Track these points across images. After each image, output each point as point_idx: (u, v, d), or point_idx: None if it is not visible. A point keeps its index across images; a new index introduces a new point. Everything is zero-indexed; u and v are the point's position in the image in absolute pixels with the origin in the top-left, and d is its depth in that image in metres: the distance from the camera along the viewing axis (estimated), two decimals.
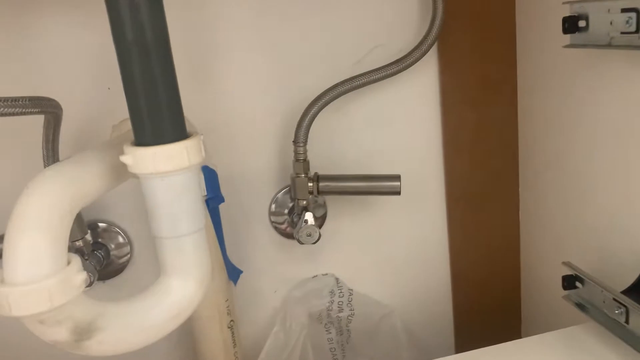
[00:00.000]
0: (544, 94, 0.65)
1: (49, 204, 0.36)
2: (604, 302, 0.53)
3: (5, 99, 0.46)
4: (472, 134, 0.72)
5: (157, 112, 0.39)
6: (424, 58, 0.66)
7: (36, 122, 0.54)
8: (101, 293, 0.69)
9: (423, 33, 0.66)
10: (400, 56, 0.67)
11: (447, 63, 0.70)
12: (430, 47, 0.66)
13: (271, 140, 0.69)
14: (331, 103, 0.65)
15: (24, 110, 0.48)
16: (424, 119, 0.72)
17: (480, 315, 0.78)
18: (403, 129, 0.72)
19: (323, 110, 0.65)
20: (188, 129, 0.43)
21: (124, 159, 0.39)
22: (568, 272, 0.58)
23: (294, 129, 0.65)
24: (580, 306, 0.57)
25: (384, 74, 0.66)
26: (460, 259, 0.76)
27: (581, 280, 0.57)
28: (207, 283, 0.44)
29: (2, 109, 0.46)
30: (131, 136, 0.43)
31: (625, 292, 0.52)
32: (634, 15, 0.45)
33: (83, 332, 0.37)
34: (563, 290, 0.58)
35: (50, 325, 0.36)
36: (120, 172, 0.43)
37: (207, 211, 0.57)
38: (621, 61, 0.51)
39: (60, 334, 0.36)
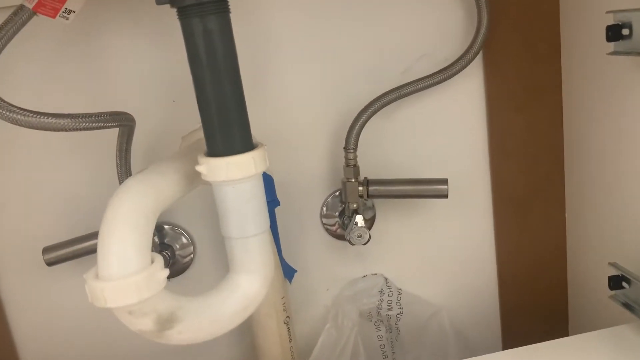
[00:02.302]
0: (588, 99, 0.67)
1: (135, 209, 0.41)
2: None
3: (90, 115, 0.52)
4: (518, 138, 0.74)
5: (227, 127, 0.43)
6: (469, 65, 0.68)
7: (109, 131, 0.60)
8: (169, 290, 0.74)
9: (468, 41, 0.69)
10: (446, 64, 0.69)
11: (493, 69, 0.72)
12: (476, 56, 0.68)
13: (323, 146, 0.73)
14: (380, 110, 0.69)
15: (104, 124, 0.53)
16: (470, 123, 0.74)
17: (527, 315, 0.80)
18: (450, 133, 0.74)
19: (372, 117, 0.68)
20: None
21: (200, 168, 0.44)
22: (614, 272, 0.59)
23: (344, 136, 0.69)
24: (627, 306, 0.59)
25: (430, 83, 0.69)
26: (507, 259, 0.78)
27: (627, 281, 0.59)
28: (270, 279, 0.48)
29: (86, 124, 0.51)
30: (201, 146, 0.48)
31: None
32: None
33: (165, 323, 0.41)
34: (610, 290, 0.60)
35: (137, 316, 0.41)
36: (194, 179, 0.48)
37: None
38: None
39: (145, 324, 0.41)
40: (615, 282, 0.59)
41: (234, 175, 0.44)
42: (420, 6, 0.70)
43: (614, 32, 0.53)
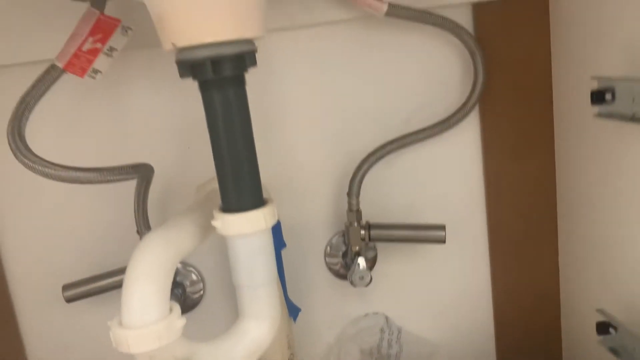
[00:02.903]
0: (578, 152, 0.71)
1: (156, 263, 0.45)
2: (634, 349, 0.58)
3: (114, 169, 0.56)
4: (512, 185, 0.78)
5: (241, 186, 0.48)
6: (467, 116, 0.73)
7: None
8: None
9: (466, 91, 0.73)
10: (445, 114, 0.74)
11: (489, 121, 0.77)
12: (472, 109, 0.73)
13: (327, 190, 0.77)
14: (382, 159, 0.73)
15: (127, 177, 0.58)
16: (468, 171, 0.78)
17: (522, 355, 0.82)
18: (449, 180, 0.78)
19: (374, 164, 0.73)
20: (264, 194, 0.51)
21: (215, 223, 0.48)
22: (601, 318, 0.63)
23: (347, 180, 0.73)
24: (614, 351, 0.62)
25: (429, 134, 0.73)
26: (503, 301, 0.81)
27: (615, 327, 0.62)
28: (277, 325, 0.52)
29: (111, 177, 0.56)
30: (215, 198, 0.52)
31: None
32: None
33: None
34: (597, 335, 0.63)
35: None
36: (208, 230, 0.52)
37: None
38: None
39: None
40: (603, 327, 0.63)
41: (246, 230, 0.48)
42: (421, 61, 0.75)
43: (598, 97, 0.58)
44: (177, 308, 0.46)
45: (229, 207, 0.49)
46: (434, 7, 0.70)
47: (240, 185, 0.48)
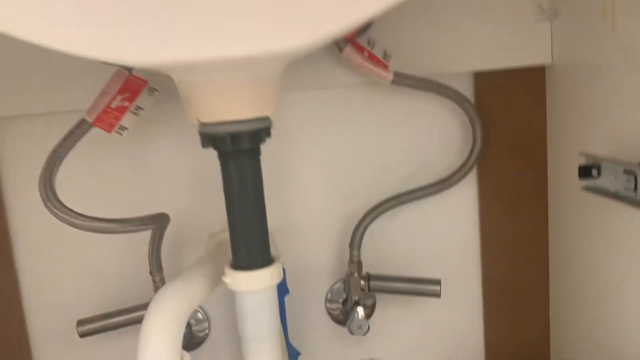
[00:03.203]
0: (568, 218, 0.75)
1: (171, 316, 0.49)
2: None
3: (134, 220, 0.61)
4: (506, 242, 0.82)
5: (250, 246, 0.52)
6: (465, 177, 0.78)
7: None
8: None
9: (465, 151, 0.78)
10: (445, 173, 0.79)
11: (485, 180, 0.81)
12: (470, 170, 0.78)
13: (331, 239, 0.82)
14: (383, 213, 0.77)
15: (146, 227, 0.62)
16: (464, 226, 0.83)
17: None
18: (446, 234, 0.83)
19: (376, 218, 0.77)
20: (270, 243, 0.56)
21: (226, 279, 0.52)
22: None
23: (350, 229, 0.78)
24: None
25: (428, 192, 0.78)
26: (495, 350, 0.85)
27: None
28: None
29: (130, 227, 0.61)
30: (227, 248, 0.56)
31: None
32: (632, 178, 0.55)
33: None
34: None
35: None
36: (218, 282, 0.56)
37: None
38: (624, 211, 0.60)
39: None
40: None
41: (254, 287, 0.52)
42: (424, 123, 0.80)
43: (585, 172, 0.62)
44: (187, 357, 0.50)
45: (239, 264, 0.53)
46: (438, 75, 0.75)
47: (250, 246, 0.52)
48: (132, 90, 0.65)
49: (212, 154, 0.52)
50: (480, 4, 0.74)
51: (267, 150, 0.54)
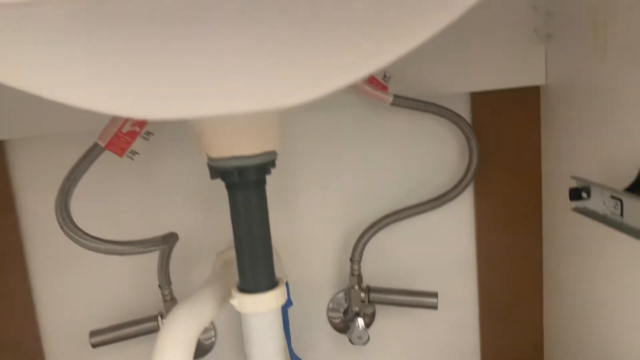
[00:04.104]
0: (561, 235, 0.78)
1: (182, 337, 0.53)
2: None
3: (145, 241, 0.64)
4: (502, 254, 0.85)
5: (256, 271, 0.55)
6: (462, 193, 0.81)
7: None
8: None
9: (462, 167, 0.81)
10: (442, 188, 0.82)
11: (481, 196, 0.84)
12: (467, 186, 0.80)
13: (332, 252, 0.85)
14: (383, 229, 0.81)
15: (156, 247, 0.66)
16: (461, 240, 0.86)
17: None
18: (443, 248, 0.86)
19: (376, 234, 0.80)
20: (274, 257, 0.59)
21: (233, 302, 0.56)
22: None
23: (352, 241, 0.81)
24: None
25: (427, 207, 0.81)
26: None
27: None
28: None
29: (142, 249, 0.64)
30: (233, 268, 0.60)
31: None
32: (619, 203, 0.58)
33: None
34: None
35: None
36: (226, 300, 0.60)
37: None
38: (611, 232, 0.63)
39: None
40: None
41: (259, 309, 0.55)
42: (422, 141, 0.83)
43: (575, 194, 0.65)
44: None
45: (245, 287, 0.56)
46: (436, 95, 0.78)
47: (256, 270, 0.56)
48: None
49: None
50: (477, 28, 0.77)
51: (271, 177, 0.57)
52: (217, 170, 0.52)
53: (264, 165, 0.53)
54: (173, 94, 0.36)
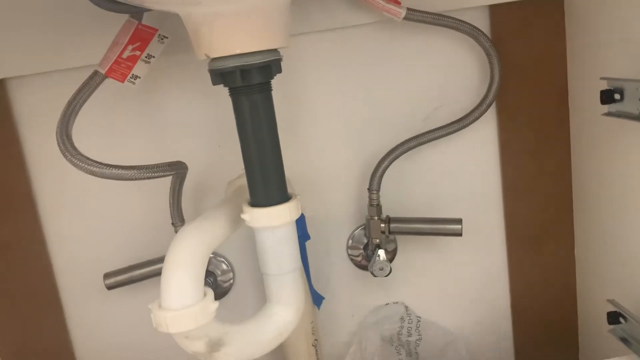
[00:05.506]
0: (591, 147, 0.73)
1: (192, 253, 0.50)
2: None
3: (152, 166, 0.62)
4: (529, 181, 0.81)
5: (268, 183, 0.52)
6: (484, 114, 0.76)
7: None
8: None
9: (483, 90, 0.76)
10: (462, 112, 0.77)
11: (505, 118, 0.79)
12: (489, 107, 0.76)
13: (350, 186, 0.82)
14: (401, 155, 0.77)
15: (164, 173, 0.63)
16: (485, 167, 0.81)
17: (539, 344, 0.86)
18: (467, 176, 0.82)
19: (394, 161, 0.77)
20: (288, 188, 0.56)
21: (244, 216, 0.53)
22: (612, 308, 0.65)
23: (369, 177, 0.77)
24: (624, 340, 0.65)
25: (447, 132, 0.76)
26: (520, 293, 0.84)
27: (625, 317, 0.65)
28: (302, 310, 0.56)
29: (149, 174, 0.61)
30: (245, 193, 0.57)
31: None
32: None
33: (214, 346, 0.50)
34: (608, 325, 0.66)
35: (192, 340, 0.49)
36: (238, 222, 0.57)
37: None
38: None
39: (198, 346, 0.50)
40: (613, 317, 0.65)
41: (273, 222, 0.52)
42: (439, 61, 0.78)
43: (607, 96, 0.60)
44: (210, 293, 0.51)
45: (257, 202, 0.53)
46: (452, 10, 0.73)
47: (267, 183, 0.52)
48: (142, 40, 0.65)
49: (227, 104, 0.52)
50: None
51: (279, 97, 0.53)
52: (218, 73, 0.49)
53: (268, 66, 0.49)
54: None
